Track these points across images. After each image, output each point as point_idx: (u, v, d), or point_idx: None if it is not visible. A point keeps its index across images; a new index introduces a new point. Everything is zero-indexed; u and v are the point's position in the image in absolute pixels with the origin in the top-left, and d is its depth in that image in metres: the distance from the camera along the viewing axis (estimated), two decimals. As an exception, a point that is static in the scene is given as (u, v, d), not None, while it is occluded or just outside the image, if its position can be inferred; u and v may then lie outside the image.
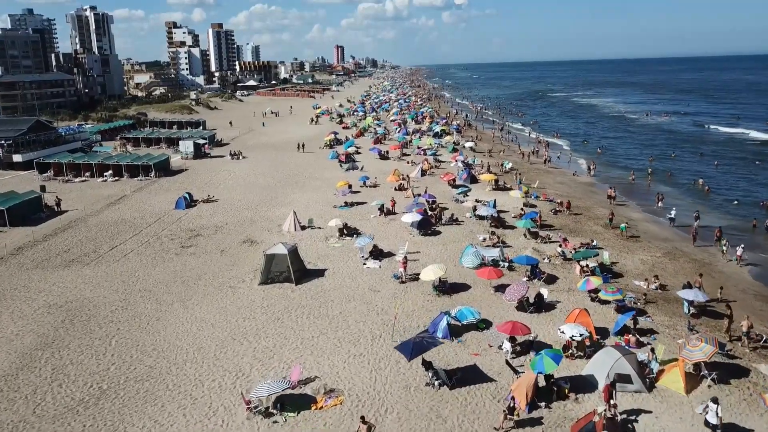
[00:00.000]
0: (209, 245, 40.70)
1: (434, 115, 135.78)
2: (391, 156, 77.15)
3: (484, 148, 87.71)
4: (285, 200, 53.52)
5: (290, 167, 70.97)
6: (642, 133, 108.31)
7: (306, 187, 59.52)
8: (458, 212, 47.59)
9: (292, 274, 32.71)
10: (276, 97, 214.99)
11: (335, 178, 63.37)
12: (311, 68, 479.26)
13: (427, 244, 39.28)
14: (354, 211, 48.80)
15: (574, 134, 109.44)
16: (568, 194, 57.39)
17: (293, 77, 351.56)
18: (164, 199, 54.55)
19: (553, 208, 48.85)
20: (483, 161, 71.32)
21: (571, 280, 32.98)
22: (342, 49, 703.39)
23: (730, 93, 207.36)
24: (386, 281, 32.88)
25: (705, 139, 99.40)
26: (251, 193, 56.86)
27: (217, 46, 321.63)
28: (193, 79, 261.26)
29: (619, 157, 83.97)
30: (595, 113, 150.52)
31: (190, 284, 33.45)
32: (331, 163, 73.29)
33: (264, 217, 47.70)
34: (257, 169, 69.57)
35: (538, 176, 65.92)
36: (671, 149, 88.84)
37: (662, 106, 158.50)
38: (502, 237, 40.50)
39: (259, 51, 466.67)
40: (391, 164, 71.94)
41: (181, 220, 47.42)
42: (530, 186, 57.88)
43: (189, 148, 77.14)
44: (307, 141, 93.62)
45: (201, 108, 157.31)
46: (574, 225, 45.26)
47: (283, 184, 61.16)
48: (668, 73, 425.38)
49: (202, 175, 66.71)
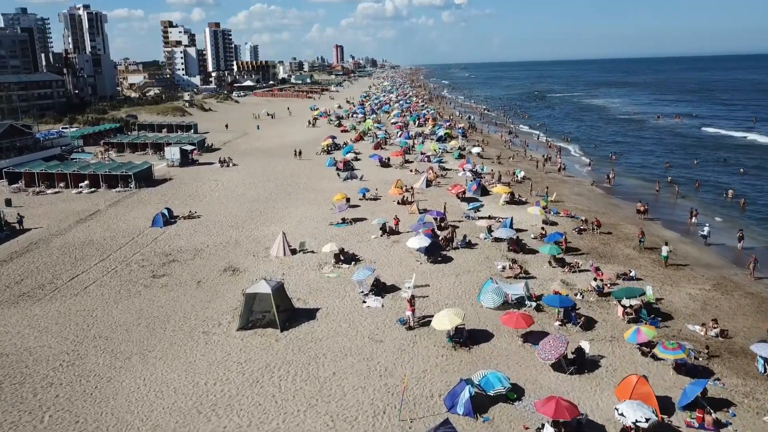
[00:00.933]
0: (185, 274, 35.17)
1: (437, 117, 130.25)
2: (393, 163, 71.63)
3: (491, 153, 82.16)
4: (275, 216, 47.97)
5: (284, 176, 65.43)
6: (655, 137, 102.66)
7: (300, 199, 53.96)
8: (470, 231, 42.08)
9: (276, 317, 27.18)
10: (273, 98, 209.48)
11: (332, 189, 57.90)
12: (310, 68, 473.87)
13: (437, 275, 33.75)
14: (352, 230, 43.26)
15: (585, 138, 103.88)
16: (589, 208, 51.92)
17: (292, 77, 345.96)
18: (142, 214, 48.99)
19: (577, 227, 43.30)
20: (493, 170, 65.77)
21: (613, 324, 27.47)
22: (341, 48, 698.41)
23: (738, 93, 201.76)
24: (390, 327, 27.35)
25: (722, 143, 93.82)
26: (239, 207, 51.31)
27: (214, 46, 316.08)
28: (189, 80, 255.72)
29: (634, 164, 78.32)
30: (603, 115, 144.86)
31: (156, 329, 27.91)
32: (328, 171, 67.78)
33: (250, 238, 42.15)
34: (247, 179, 64.01)
35: (554, 187, 60.36)
36: (690, 155, 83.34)
37: (671, 108, 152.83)
38: (523, 264, 35.02)
39: (257, 51, 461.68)
40: (393, 173, 66.42)
41: (156, 241, 41.87)
42: (548, 199, 52.40)
43: (175, 154, 71.60)
44: (304, 146, 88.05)
45: (194, 110, 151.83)
46: (603, 247, 39.72)
47: (275, 196, 55.60)
48: (668, 72, 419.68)
49: (188, 185, 61.15)
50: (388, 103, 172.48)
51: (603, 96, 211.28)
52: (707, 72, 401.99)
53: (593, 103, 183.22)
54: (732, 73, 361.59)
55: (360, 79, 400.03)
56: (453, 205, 50.30)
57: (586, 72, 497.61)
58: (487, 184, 59.14)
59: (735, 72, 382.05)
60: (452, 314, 25.03)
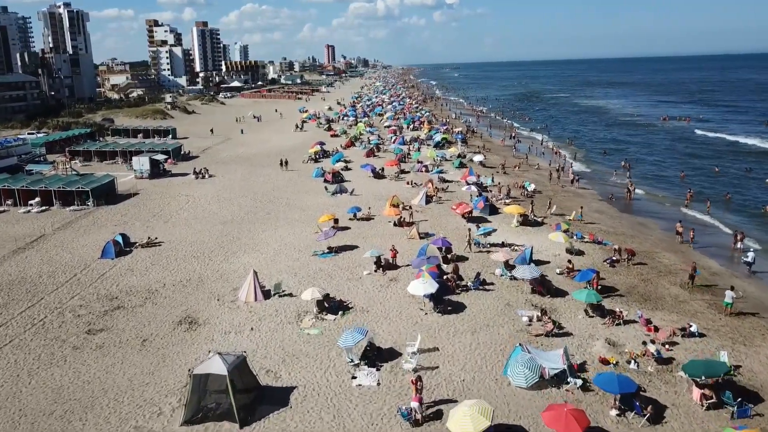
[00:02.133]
0: (128, 329, 27.87)
1: (432, 120, 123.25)
2: (387, 174, 64.47)
3: (495, 161, 75.19)
4: (250, 243, 40.69)
5: (265, 190, 58.13)
6: (666, 142, 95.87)
7: (280, 220, 46.69)
8: (482, 264, 35.08)
9: (234, 407, 19.99)
10: (261, 100, 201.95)
11: (318, 206, 50.77)
12: (301, 68, 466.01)
13: (448, 332, 26.59)
14: (340, 263, 36.06)
15: (590, 143, 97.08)
16: (614, 229, 45.01)
17: (282, 78, 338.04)
18: (93, 241, 41.57)
19: (609, 258, 36.31)
20: (499, 182, 58.71)
21: (688, 412, 20.49)
22: (333, 48, 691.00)
23: (740, 94, 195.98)
24: (389, 420, 20.20)
25: (740, 149, 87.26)
26: (209, 230, 43.97)
27: (202, 46, 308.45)
28: (175, 80, 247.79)
29: (648, 172, 71.27)
30: (605, 117, 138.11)
31: (73, 421, 20.66)
32: (314, 184, 60.58)
33: (217, 273, 34.87)
34: (223, 193, 56.66)
35: (568, 202, 53.53)
36: (707, 162, 76.78)
37: (674, 110, 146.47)
38: (552, 313, 28.04)
39: (247, 50, 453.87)
40: (388, 186, 59.29)
41: (103, 279, 34.52)
42: (568, 220, 45.51)
43: (144, 165, 64.09)
44: (290, 152, 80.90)
45: (177, 112, 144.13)
46: (644, 285, 32.74)
47: (252, 215, 48.30)
48: (664, 72, 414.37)
49: (154, 201, 53.72)
50: (381, 104, 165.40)
51: (601, 97, 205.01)
52: (703, 72, 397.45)
53: (592, 104, 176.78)
54: (728, 73, 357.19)
55: (351, 80, 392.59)
56: (458, 228, 43.24)
57: (579, 72, 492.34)
58: (495, 199, 52.19)
59: (731, 72, 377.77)
60: (476, 412, 17.91)
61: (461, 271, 33.10)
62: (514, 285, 31.86)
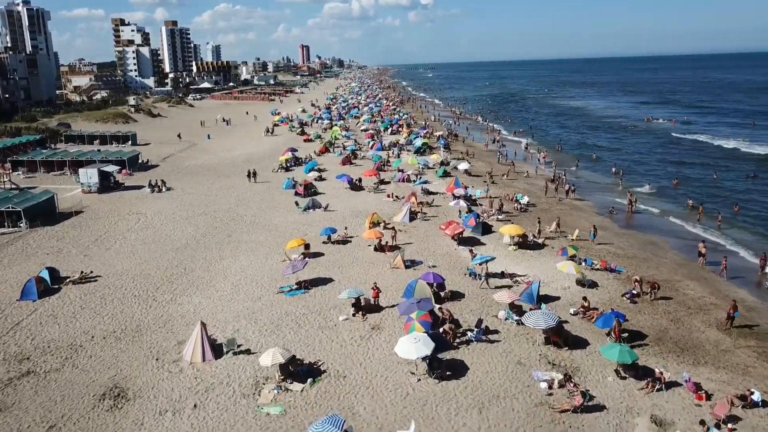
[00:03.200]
0: (33, 407, 21.47)
1: (411, 122, 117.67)
2: (366, 185, 58.53)
3: (480, 169, 69.79)
4: (204, 276, 34.39)
5: (228, 205, 51.74)
6: (654, 145, 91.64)
7: (242, 244, 40.41)
8: (481, 300, 29.44)
9: None
10: (233, 101, 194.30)
11: (288, 225, 44.68)
12: (275, 69, 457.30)
13: (448, 410, 20.60)
14: (312, 304, 29.98)
15: (579, 147, 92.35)
16: (624, 251, 39.76)
17: (254, 78, 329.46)
18: (17, 275, 34.83)
19: (628, 291, 30.91)
20: (490, 195, 53.13)
21: None
22: (307, 48, 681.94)
23: (721, 94, 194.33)
24: None
25: (733, 154, 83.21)
26: (157, 259, 37.52)
27: (171, 46, 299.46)
28: (142, 81, 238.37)
29: (642, 179, 66.41)
30: (587, 119, 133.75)
31: None
32: (284, 197, 54.40)
33: (160, 320, 28.54)
34: (180, 211, 50.11)
35: (569, 217, 48.30)
36: (700, 167, 72.47)
37: (657, 111, 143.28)
38: (572, 370, 22.48)
39: (219, 51, 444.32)
40: (366, 199, 53.41)
41: (18, 329, 27.95)
42: (572, 239, 40.18)
43: (92, 178, 57.11)
44: (259, 160, 74.59)
45: (141, 115, 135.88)
46: (675, 329, 27.33)
47: (210, 238, 41.92)
48: (639, 72, 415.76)
49: (99, 222, 46.93)
50: (357, 106, 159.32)
51: (580, 97, 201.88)
52: (677, 72, 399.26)
53: (572, 104, 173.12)
54: (703, 73, 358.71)
55: (327, 80, 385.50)
56: (449, 253, 37.56)
57: (553, 72, 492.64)
58: (486, 215, 46.65)
59: (705, 72, 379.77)
60: None
61: (459, 313, 27.41)
62: (523, 331, 26.21)
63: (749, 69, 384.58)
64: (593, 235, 40.78)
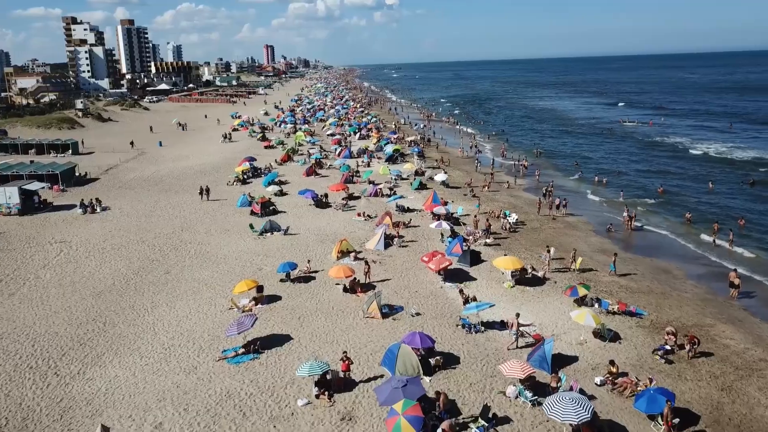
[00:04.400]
0: None
1: (380, 126, 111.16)
2: (333, 201, 51.75)
3: (458, 178, 63.71)
4: (127, 334, 27.07)
5: (172, 229, 44.32)
6: (636, 150, 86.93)
7: (182, 284, 33.18)
8: (483, 371, 23.06)
9: None
10: (191, 104, 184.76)
11: (239, 255, 37.66)
12: (239, 69, 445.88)
13: None
14: (262, 379, 23.03)
15: (559, 152, 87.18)
16: (636, 282, 33.96)
17: (216, 79, 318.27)
18: None
19: (660, 348, 24.87)
20: (477, 216, 46.65)
21: None
22: (272, 48, 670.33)
23: (691, 94, 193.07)
24: None
25: (722, 158, 78.96)
26: (70, 310, 29.95)
27: (128, 45, 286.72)
28: (96, 83, 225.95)
29: (630, 189, 61.02)
30: (561, 121, 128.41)
31: None
32: (238, 217, 47.28)
33: (58, 408, 21.16)
34: (113, 238, 42.45)
35: (566, 238, 42.42)
36: (692, 174, 67.82)
37: (631, 112, 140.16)
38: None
39: (180, 51, 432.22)
40: (333, 219, 46.67)
41: None
42: (573, 267, 34.21)
43: (12, 198, 48.90)
44: (214, 171, 67.24)
45: (90, 120, 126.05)
46: (731, 405, 21.23)
47: (143, 277, 34.55)
48: (606, 72, 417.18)
49: (12, 255, 38.95)
50: (323, 108, 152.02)
51: (550, 98, 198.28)
52: (643, 71, 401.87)
53: (543, 105, 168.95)
54: (666, 73, 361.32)
55: (292, 80, 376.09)
56: (434, 292, 31.13)
57: (518, 72, 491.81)
58: (472, 238, 40.39)
59: (669, 72, 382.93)
60: None
61: (455, 389, 20.96)
62: (541, 416, 19.88)
63: (712, 69, 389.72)
64: (613, 267, 34.84)
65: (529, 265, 33.73)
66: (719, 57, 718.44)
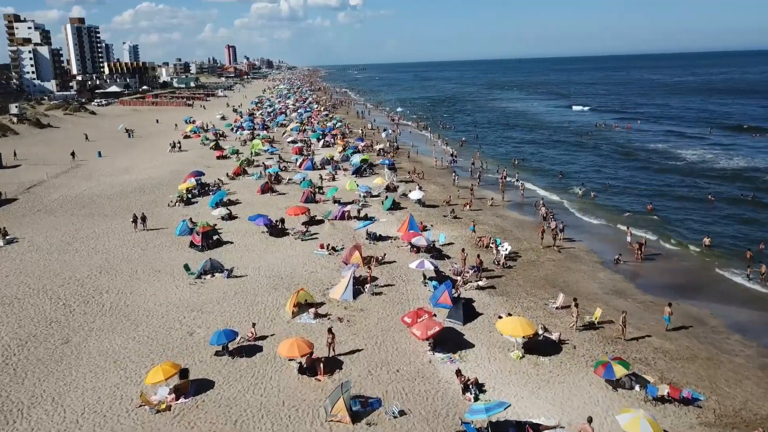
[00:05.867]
0: None
1: (346, 132, 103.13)
2: (291, 228, 43.61)
3: (435, 194, 56.35)
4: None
5: (88, 271, 35.53)
6: (619, 158, 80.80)
7: (81, 362, 24.57)
8: None
9: None
10: (143, 107, 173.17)
11: (167, 312, 29.34)
12: (199, 70, 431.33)
13: None
14: None
15: (538, 161, 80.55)
16: (672, 341, 26.94)
17: (174, 81, 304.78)
18: None
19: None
20: (464, 249, 38.96)
21: None
22: (233, 49, 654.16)
23: (659, 96, 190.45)
24: None
25: (715, 168, 73.73)
26: None
27: (78, 45, 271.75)
28: (41, 85, 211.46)
29: (622, 204, 54.86)
30: (534, 125, 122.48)
31: None
32: (174, 250, 38.86)
33: None
34: (9, 285, 33.39)
35: (568, 274, 35.32)
36: (686, 187, 61.94)
37: (603, 115, 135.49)
38: None
39: (137, 51, 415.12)
40: (291, 253, 38.59)
41: None
42: (591, 319, 26.98)
43: None
44: (156, 188, 58.59)
45: (26, 126, 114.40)
46: None
47: (32, 350, 25.82)
48: (569, 72, 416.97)
49: None
50: (285, 111, 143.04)
51: (519, 100, 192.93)
52: (602, 72, 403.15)
53: (513, 108, 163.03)
54: (635, 74, 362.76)
55: (254, 82, 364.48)
56: (421, 371, 23.48)
57: (482, 72, 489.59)
58: (461, 281, 32.92)
59: (637, 72, 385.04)
60: None
61: None
62: None
63: (673, 70, 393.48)
64: (668, 319, 27.76)
65: (540, 325, 26.35)
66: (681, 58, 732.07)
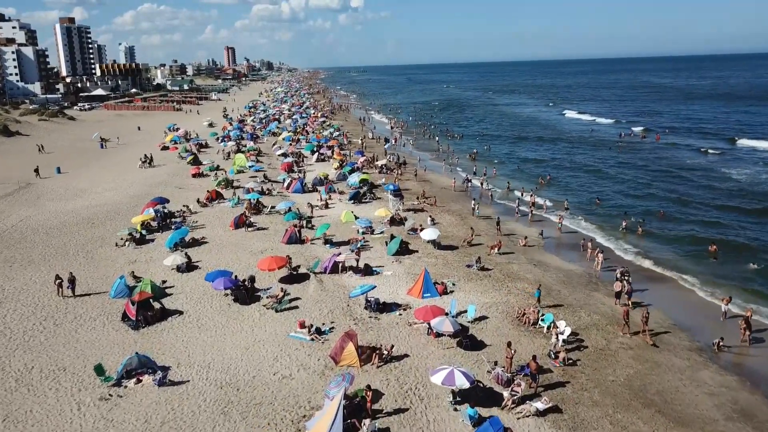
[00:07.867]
0: None
1: (344, 143, 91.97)
2: (264, 290, 32.39)
3: (452, 229, 45.18)
4: None
5: None
6: (660, 174, 69.56)
7: None
8: None
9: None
10: (129, 111, 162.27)
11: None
12: (196, 71, 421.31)
13: None
14: None
15: (569, 182, 69.02)
16: None
17: (168, 83, 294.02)
18: None
19: None
20: (510, 343, 28.05)
21: None
22: (233, 50, 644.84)
23: (672, 101, 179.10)
24: None
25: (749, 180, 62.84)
26: None
27: (68, 46, 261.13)
28: (26, 87, 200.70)
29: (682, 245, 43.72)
30: (551, 132, 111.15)
31: None
32: (99, 333, 27.67)
33: None
34: None
35: (668, 384, 24.15)
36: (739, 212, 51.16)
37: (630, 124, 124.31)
38: None
39: (133, 52, 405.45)
40: (257, 337, 27.34)
41: None
42: None
43: None
44: (108, 219, 47.61)
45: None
46: None
47: None
48: (569, 75, 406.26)
49: None
50: (278, 118, 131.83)
51: (529, 105, 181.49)
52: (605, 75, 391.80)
53: (523, 113, 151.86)
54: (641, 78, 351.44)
55: (252, 84, 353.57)
56: None
57: (484, 74, 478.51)
58: (510, 401, 21.70)
59: (639, 76, 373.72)
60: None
61: None
62: None
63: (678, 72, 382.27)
64: None
65: None
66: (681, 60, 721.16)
